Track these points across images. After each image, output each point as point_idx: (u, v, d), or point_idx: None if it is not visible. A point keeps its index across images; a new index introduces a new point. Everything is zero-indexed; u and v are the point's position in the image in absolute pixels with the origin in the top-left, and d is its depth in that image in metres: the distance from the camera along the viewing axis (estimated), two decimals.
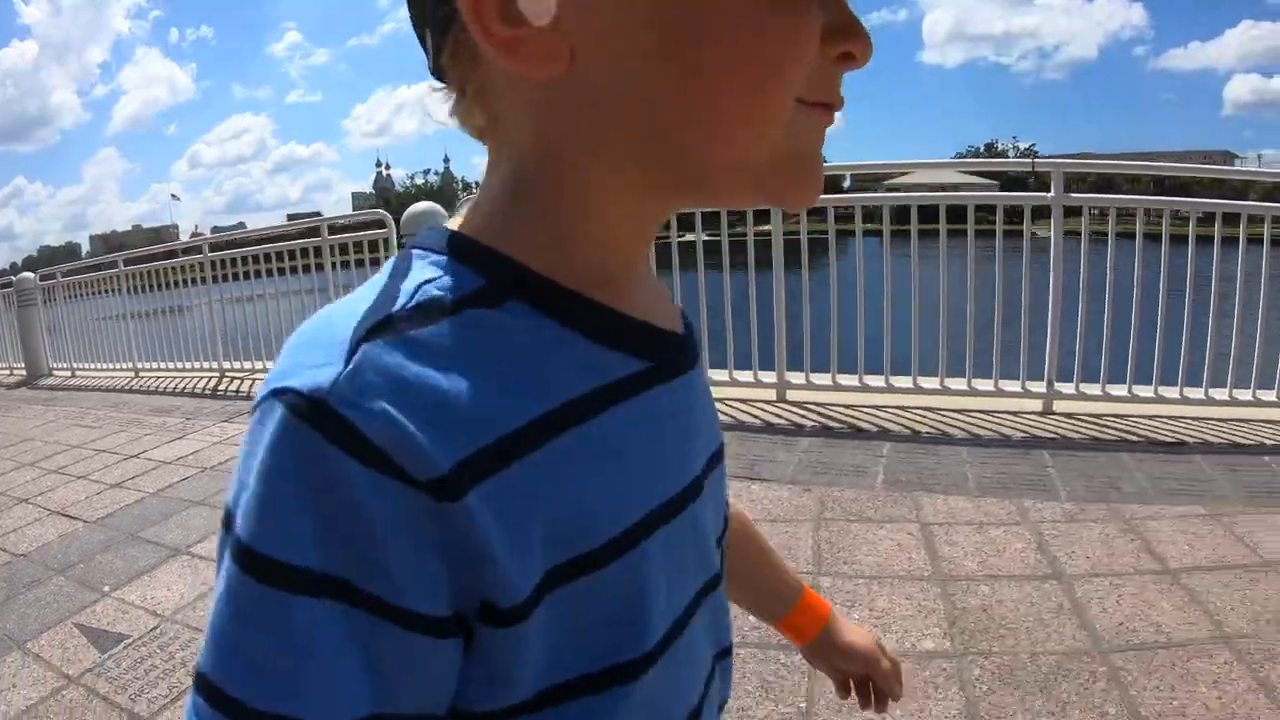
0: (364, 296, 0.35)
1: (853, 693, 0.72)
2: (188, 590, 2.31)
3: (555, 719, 0.37)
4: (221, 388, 5.52)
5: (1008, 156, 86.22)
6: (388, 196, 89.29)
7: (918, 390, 3.67)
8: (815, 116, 0.38)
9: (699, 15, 0.34)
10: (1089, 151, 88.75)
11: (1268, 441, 3.05)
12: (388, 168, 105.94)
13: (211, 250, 5.86)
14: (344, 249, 4.97)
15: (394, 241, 4.60)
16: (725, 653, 0.49)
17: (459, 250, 0.37)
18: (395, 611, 0.31)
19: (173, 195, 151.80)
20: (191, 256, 5.99)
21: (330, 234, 5.01)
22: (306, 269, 5.19)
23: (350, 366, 0.31)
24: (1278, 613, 1.93)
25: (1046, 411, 3.48)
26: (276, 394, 0.32)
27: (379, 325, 0.33)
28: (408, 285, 0.35)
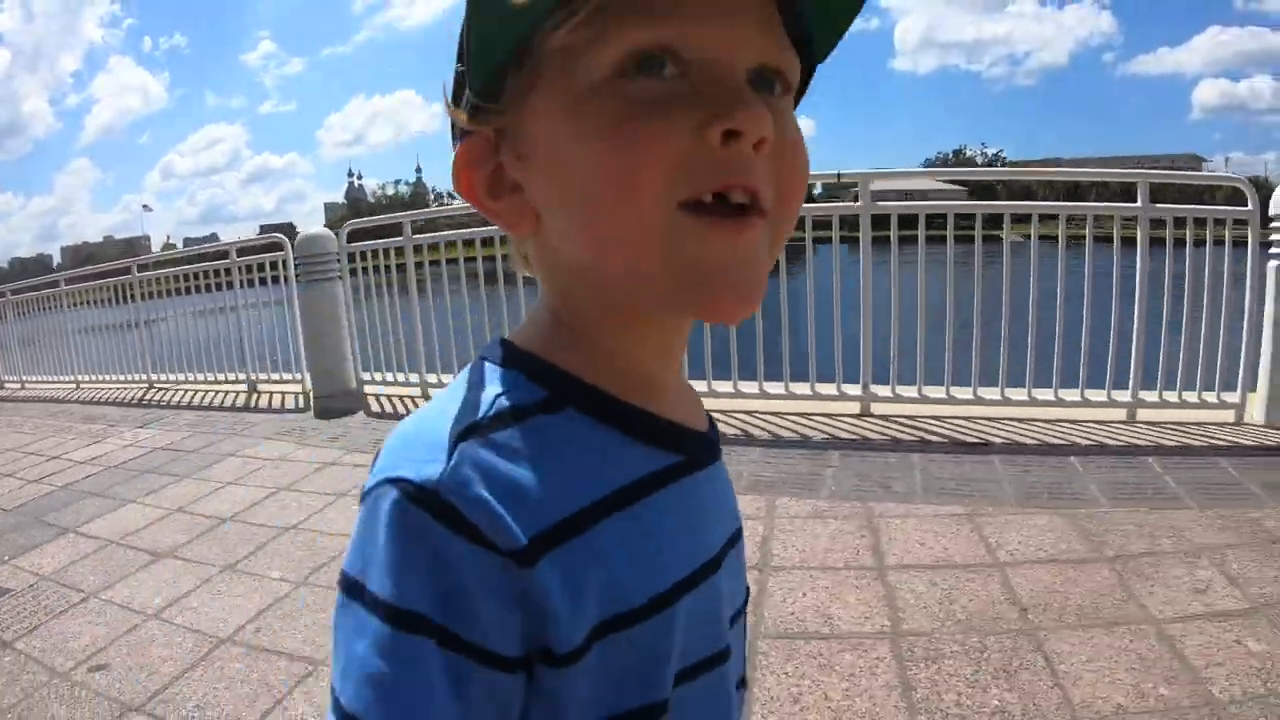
0: (450, 403, 0.43)
1: None
2: (64, 558, 2.88)
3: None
4: (148, 398, 6.06)
5: (976, 163, 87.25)
6: (359, 207, 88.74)
7: (739, 395, 3.93)
8: (710, 224, 0.39)
9: (563, 173, 0.40)
10: (1058, 156, 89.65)
11: (1082, 442, 3.21)
12: (360, 177, 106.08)
13: (139, 270, 6.41)
14: (248, 269, 5.55)
15: (290, 262, 5.14)
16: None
17: (523, 364, 0.45)
18: (481, 652, 0.38)
19: (144, 206, 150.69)
20: (123, 276, 6.48)
21: (238, 255, 5.59)
22: (219, 287, 5.73)
23: (452, 463, 0.39)
24: (973, 614, 1.99)
25: (864, 414, 3.71)
26: (392, 481, 0.39)
27: (469, 429, 0.40)
28: (486, 396, 0.42)
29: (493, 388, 0.43)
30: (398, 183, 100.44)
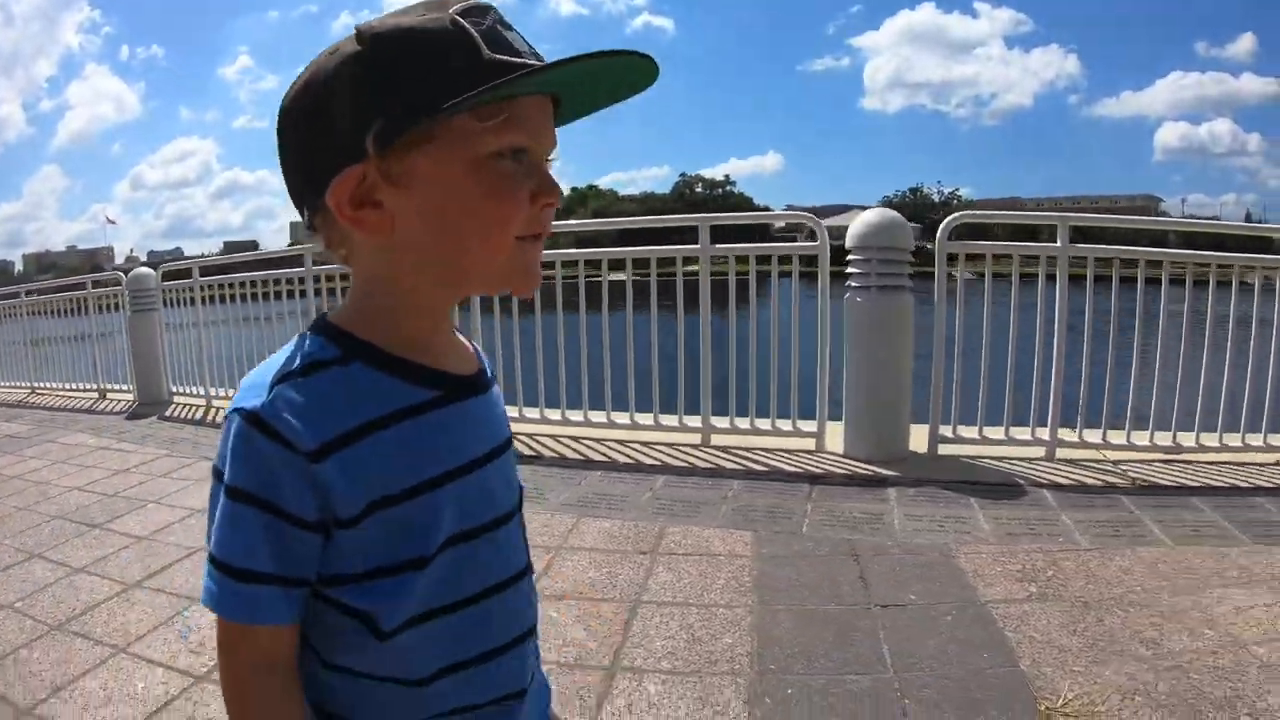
0: (278, 359, 0.66)
1: None
2: None
3: (375, 588, 0.66)
4: (27, 400, 7.22)
5: (933, 200, 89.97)
6: None
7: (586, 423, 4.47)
8: (529, 245, 0.67)
9: (446, 207, 0.63)
10: (1018, 197, 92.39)
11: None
12: None
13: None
14: (103, 299, 6.87)
15: (124, 296, 6.40)
16: (522, 572, 0.78)
17: (329, 332, 0.68)
18: (289, 516, 0.62)
19: (108, 219, 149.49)
20: (74, 292, 7.38)
21: (93, 287, 6.90)
22: (85, 311, 7.01)
23: (270, 397, 0.62)
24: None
25: (704, 444, 4.18)
26: (236, 410, 0.63)
27: (284, 376, 0.64)
28: (299, 354, 0.66)
29: (304, 349, 0.66)
30: None
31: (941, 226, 4.00)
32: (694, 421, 4.30)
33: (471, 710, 0.74)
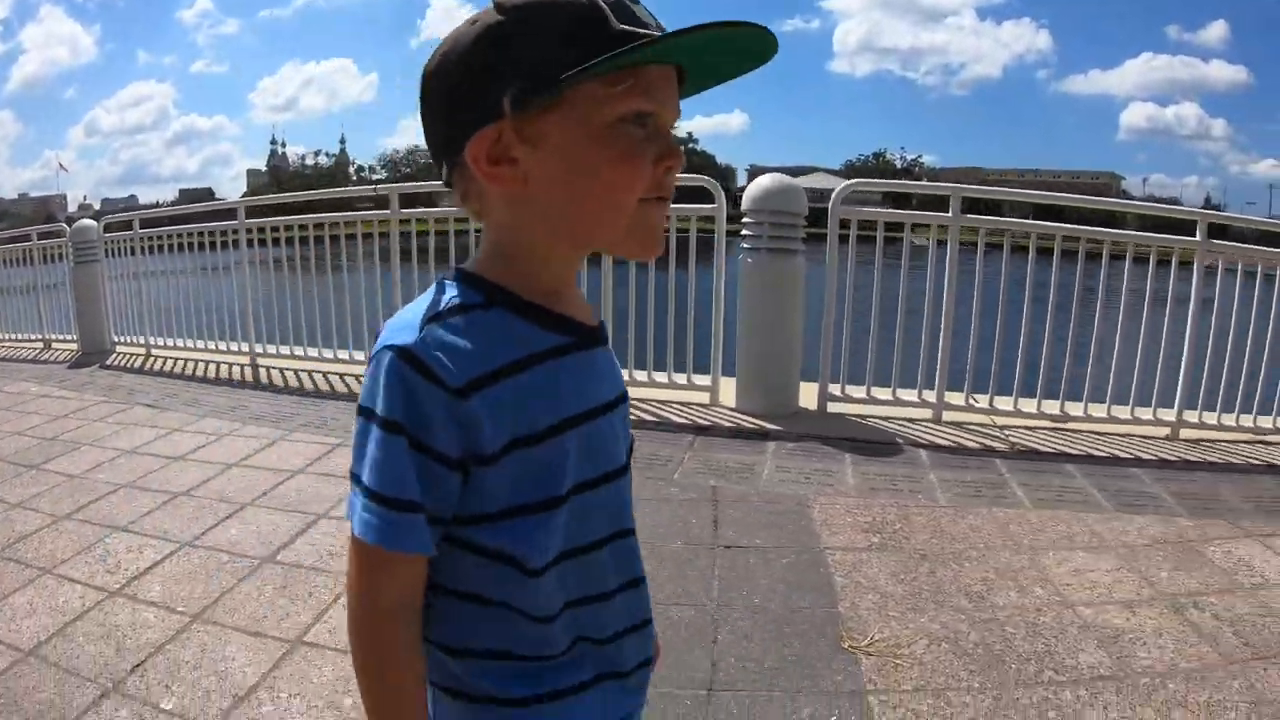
0: (422, 303, 0.71)
1: None
2: None
3: (510, 527, 0.71)
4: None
5: (895, 166, 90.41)
6: (280, 176, 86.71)
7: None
8: (653, 207, 0.71)
9: (573, 167, 0.68)
10: (979, 166, 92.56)
11: None
12: (283, 145, 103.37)
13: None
14: (48, 250, 7.00)
15: (68, 247, 6.56)
16: (630, 528, 0.83)
17: (469, 279, 0.73)
18: (435, 453, 0.67)
19: (61, 166, 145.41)
20: (19, 244, 7.48)
21: (39, 238, 7.04)
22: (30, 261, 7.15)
23: (421, 335, 0.67)
24: None
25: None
26: (387, 347, 0.67)
27: (433, 318, 0.69)
28: (443, 298, 0.71)
29: (448, 294, 0.72)
30: (318, 153, 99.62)
31: (835, 194, 4.29)
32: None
33: (593, 643, 0.80)
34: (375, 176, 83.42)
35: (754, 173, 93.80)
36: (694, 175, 4.45)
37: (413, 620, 0.74)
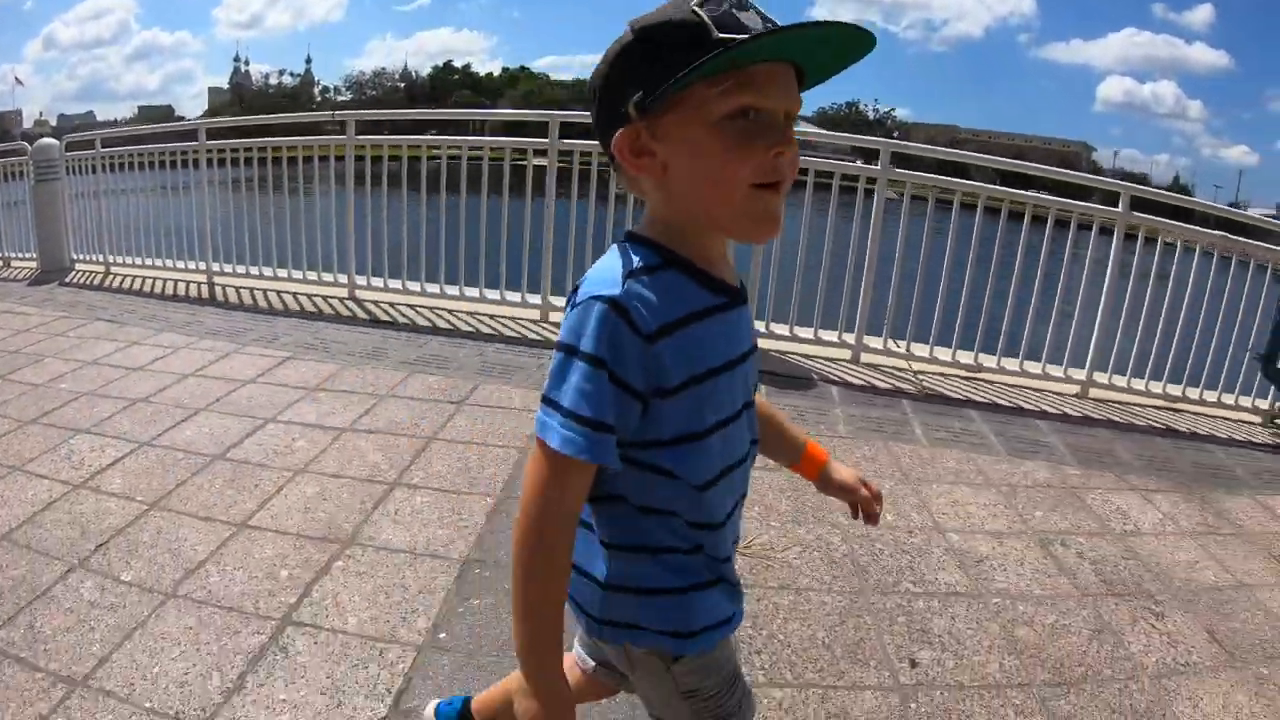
0: (614, 260, 0.87)
1: (860, 513, 1.26)
2: None
3: (677, 450, 0.90)
4: None
5: (868, 117, 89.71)
6: (243, 95, 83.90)
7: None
8: (766, 193, 0.84)
9: (689, 159, 0.83)
10: (954, 124, 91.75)
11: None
12: (247, 63, 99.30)
13: None
14: (8, 169, 7.04)
15: (29, 166, 6.61)
16: (754, 442, 1.03)
17: (644, 243, 0.89)
18: (626, 384, 0.82)
19: (17, 80, 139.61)
20: None
21: None
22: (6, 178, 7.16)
23: (624, 288, 0.82)
24: None
25: (542, 319, 4.90)
26: (595, 297, 0.82)
27: (629, 274, 0.84)
28: (633, 259, 0.86)
29: (635, 256, 0.87)
30: (282, 73, 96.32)
31: None
32: (535, 299, 4.93)
33: (711, 530, 0.99)
34: (340, 98, 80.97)
35: None
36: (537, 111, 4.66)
37: (574, 530, 0.89)
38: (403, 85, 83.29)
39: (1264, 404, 4.62)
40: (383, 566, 2.24)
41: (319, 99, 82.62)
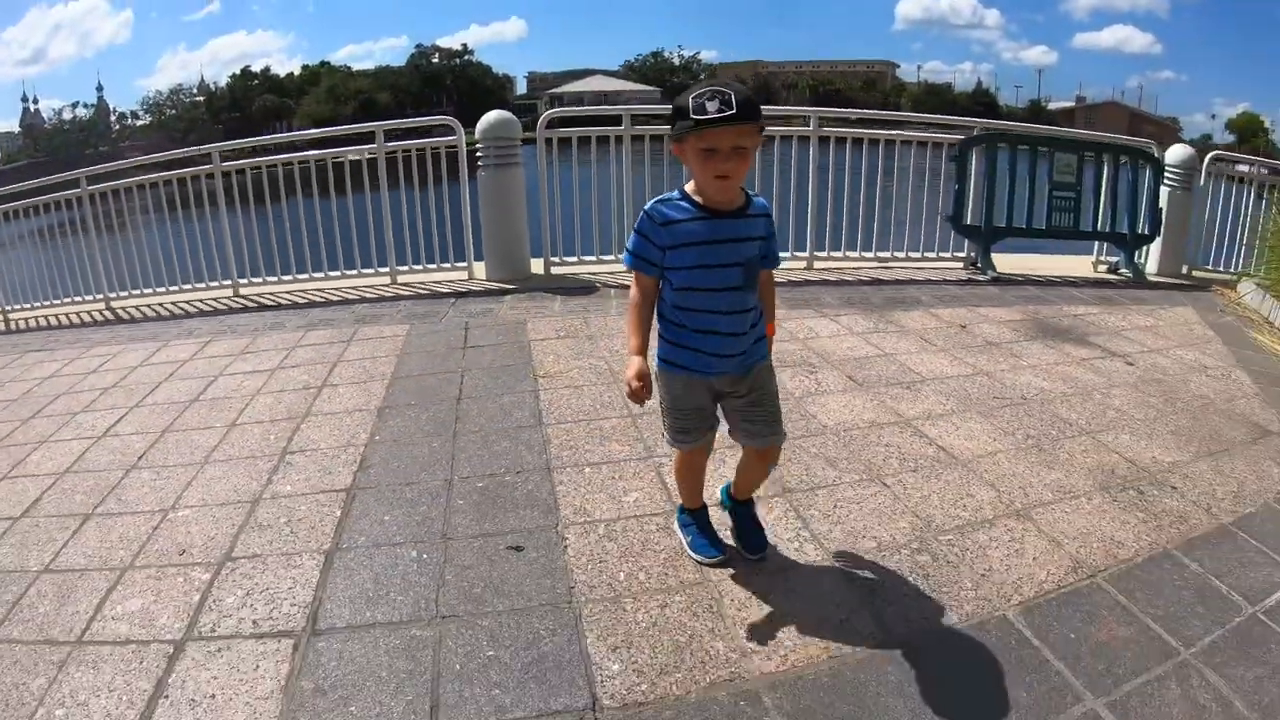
0: (669, 194, 2.13)
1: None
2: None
3: (681, 295, 2.13)
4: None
5: (673, 64, 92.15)
6: (36, 135, 78.14)
7: None
8: (722, 181, 2.00)
9: (695, 164, 2.01)
10: (761, 59, 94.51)
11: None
12: (36, 102, 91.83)
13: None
14: None
15: None
16: (738, 289, 2.13)
17: (683, 191, 2.11)
18: (652, 241, 2.10)
19: None
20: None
21: None
22: None
23: (652, 202, 2.12)
24: None
25: (392, 283, 7.03)
26: (647, 208, 2.12)
27: (657, 201, 2.11)
28: (673, 194, 2.12)
29: (671, 194, 2.12)
30: (75, 105, 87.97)
31: (541, 119, 6.20)
32: (385, 269, 6.48)
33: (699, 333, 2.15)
34: (140, 123, 76.68)
35: (532, 80, 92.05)
36: (439, 117, 6.24)
37: (639, 304, 2.17)
38: (202, 100, 79.00)
39: (961, 254, 6.83)
40: (330, 421, 3.77)
41: (118, 126, 77.75)
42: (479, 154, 6.00)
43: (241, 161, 6.64)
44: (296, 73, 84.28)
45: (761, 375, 2.23)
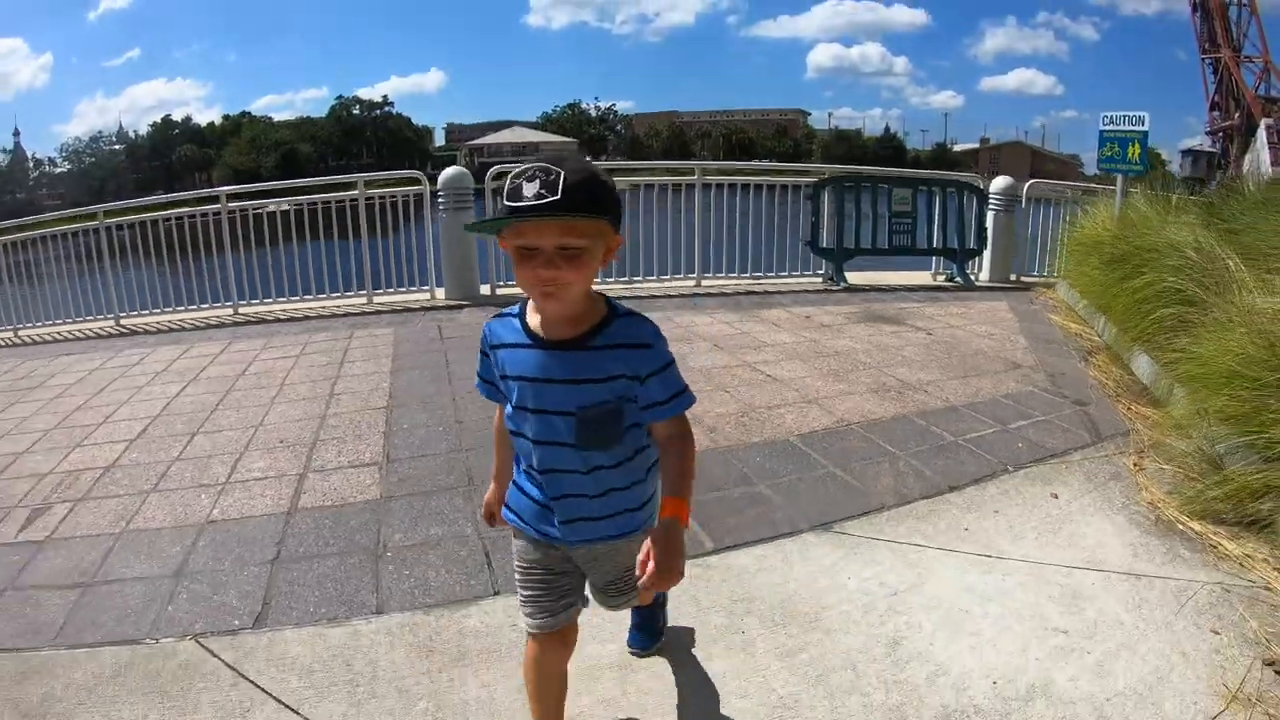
0: (513, 309, 1.68)
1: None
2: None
3: (517, 415, 1.63)
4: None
5: (590, 115, 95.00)
6: None
7: None
8: (543, 295, 1.47)
9: (513, 259, 1.47)
10: (676, 110, 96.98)
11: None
12: None
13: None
14: None
15: None
16: (568, 445, 1.61)
17: (522, 304, 1.65)
18: (493, 368, 1.68)
19: None
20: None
21: None
22: None
23: (493, 319, 1.68)
24: None
25: (369, 303, 8.67)
26: (488, 322, 1.73)
27: (498, 315, 1.68)
28: (512, 309, 1.67)
29: (514, 309, 1.66)
30: None
31: (489, 173, 7.88)
32: (363, 293, 8.06)
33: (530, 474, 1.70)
34: (58, 171, 75.30)
35: (451, 130, 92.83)
36: (407, 172, 8.01)
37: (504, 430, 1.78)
38: (121, 147, 77.90)
39: (822, 272, 8.73)
40: (358, 379, 5.30)
41: (35, 173, 76.07)
42: (440, 200, 7.72)
43: (246, 202, 8.26)
44: (217, 122, 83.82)
45: (604, 554, 1.73)
